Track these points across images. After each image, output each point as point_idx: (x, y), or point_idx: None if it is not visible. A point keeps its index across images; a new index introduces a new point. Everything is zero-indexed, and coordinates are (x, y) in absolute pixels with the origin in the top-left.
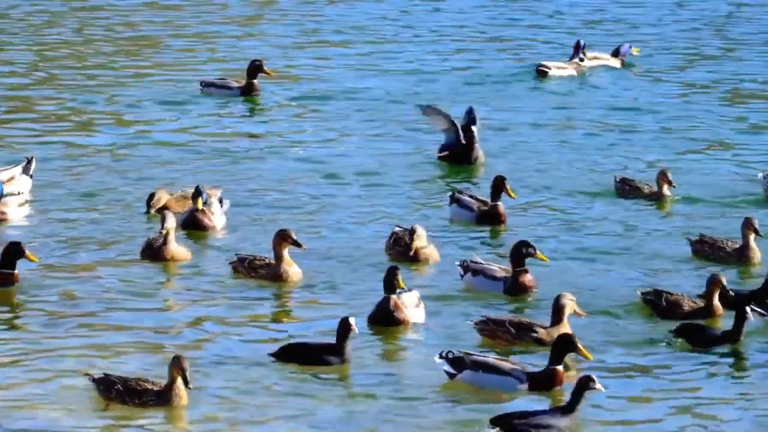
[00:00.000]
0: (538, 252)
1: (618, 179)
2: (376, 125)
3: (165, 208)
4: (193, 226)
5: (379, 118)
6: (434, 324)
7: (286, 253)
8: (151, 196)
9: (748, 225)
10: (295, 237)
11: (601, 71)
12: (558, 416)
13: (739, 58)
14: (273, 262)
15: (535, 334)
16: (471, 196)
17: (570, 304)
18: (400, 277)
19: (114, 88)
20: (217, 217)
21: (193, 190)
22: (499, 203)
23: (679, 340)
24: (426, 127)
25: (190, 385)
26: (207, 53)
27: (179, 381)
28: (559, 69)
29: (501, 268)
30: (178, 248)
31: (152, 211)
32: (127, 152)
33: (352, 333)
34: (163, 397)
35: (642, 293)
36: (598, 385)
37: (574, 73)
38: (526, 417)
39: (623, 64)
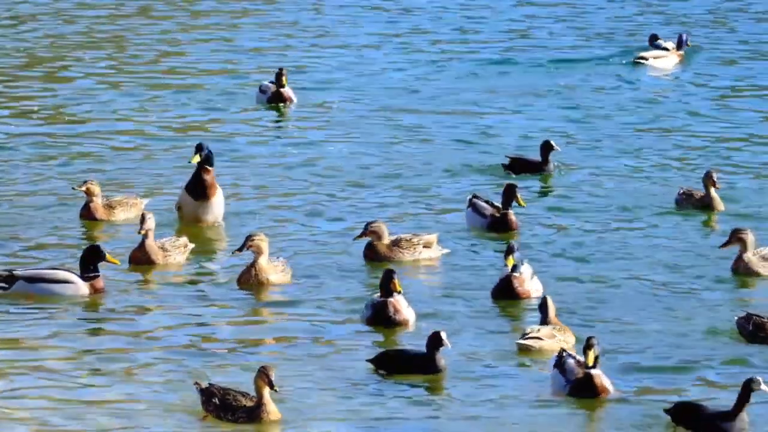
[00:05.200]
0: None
1: (681, 192)
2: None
3: (89, 206)
4: (198, 182)
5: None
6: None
7: (261, 259)
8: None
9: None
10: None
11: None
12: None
13: None
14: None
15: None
16: (487, 201)
17: (552, 306)
18: (396, 280)
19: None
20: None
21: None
22: (510, 211)
23: None
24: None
25: (276, 388)
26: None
27: (266, 395)
28: (658, 59)
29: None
30: (154, 247)
31: (76, 188)
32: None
33: (443, 347)
34: (253, 414)
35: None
36: (762, 386)
37: (672, 63)
38: (703, 411)
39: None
